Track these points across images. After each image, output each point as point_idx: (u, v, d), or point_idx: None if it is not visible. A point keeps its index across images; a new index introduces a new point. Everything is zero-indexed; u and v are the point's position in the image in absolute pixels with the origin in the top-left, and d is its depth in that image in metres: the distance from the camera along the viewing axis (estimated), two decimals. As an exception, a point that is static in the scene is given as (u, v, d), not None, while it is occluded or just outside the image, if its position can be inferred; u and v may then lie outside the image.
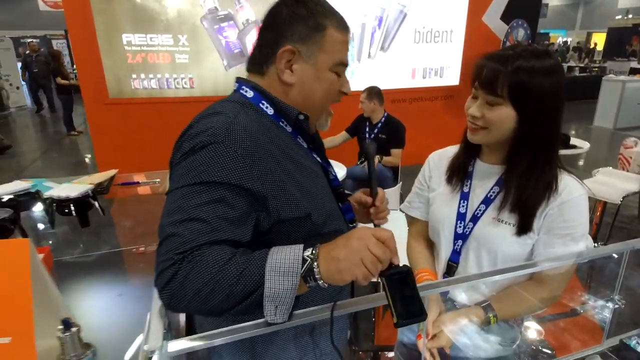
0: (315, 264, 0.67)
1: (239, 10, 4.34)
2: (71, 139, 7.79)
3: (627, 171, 3.63)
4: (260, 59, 0.87)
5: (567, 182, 0.98)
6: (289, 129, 0.88)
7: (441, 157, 1.21)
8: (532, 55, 0.91)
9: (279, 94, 0.86)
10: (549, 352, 1.20)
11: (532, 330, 1.03)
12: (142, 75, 4.21)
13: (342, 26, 0.87)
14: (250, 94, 0.87)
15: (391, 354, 1.96)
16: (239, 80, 0.90)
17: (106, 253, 1.36)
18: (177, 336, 0.68)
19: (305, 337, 0.91)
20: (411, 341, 1.28)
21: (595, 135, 7.98)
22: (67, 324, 0.57)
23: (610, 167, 3.68)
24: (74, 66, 13.33)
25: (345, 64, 0.88)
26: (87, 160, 6.39)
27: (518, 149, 0.97)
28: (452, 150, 1.18)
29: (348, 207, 1.00)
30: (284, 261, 0.67)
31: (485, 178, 1.07)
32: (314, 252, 0.69)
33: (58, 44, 16.79)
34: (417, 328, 1.19)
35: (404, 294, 0.67)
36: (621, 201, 3.19)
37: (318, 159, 0.95)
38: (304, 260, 0.68)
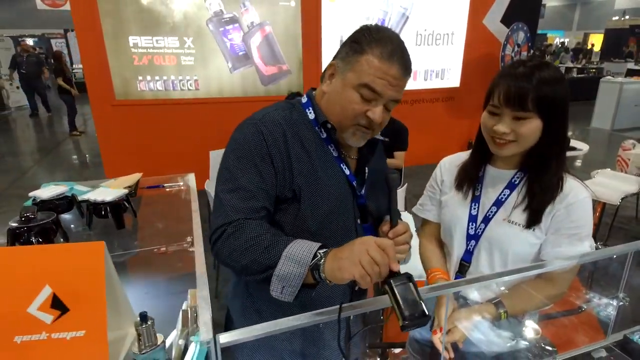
0: (322, 260, 0.78)
1: (244, 13, 4.39)
2: (73, 139, 7.82)
3: (626, 173, 3.72)
4: (323, 73, 1.00)
5: (572, 185, 1.05)
6: (323, 134, 0.98)
7: (452, 163, 1.27)
8: (544, 68, 0.98)
9: (320, 102, 1.00)
10: (550, 348, 1.27)
11: (530, 329, 1.09)
12: (148, 77, 4.26)
13: (386, 56, 0.88)
14: (304, 99, 1.03)
15: (397, 351, 2.02)
16: (312, 88, 1.06)
17: (132, 252, 1.42)
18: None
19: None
20: (423, 337, 1.34)
21: (593, 137, 8.06)
22: (144, 317, 0.63)
23: (609, 169, 3.76)
24: (73, 65, 13.41)
25: (371, 89, 0.89)
26: (90, 160, 6.42)
27: (541, 155, 1.04)
28: (463, 156, 1.25)
29: (367, 228, 1.05)
30: (299, 251, 0.80)
31: (496, 182, 1.14)
32: (326, 250, 0.80)
33: (57, 44, 16.75)
34: (432, 324, 1.25)
35: (407, 298, 0.73)
36: (620, 202, 3.27)
37: (346, 170, 1.00)
38: (315, 256, 0.79)
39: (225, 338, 0.68)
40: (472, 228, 1.16)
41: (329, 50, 4.87)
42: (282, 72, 4.71)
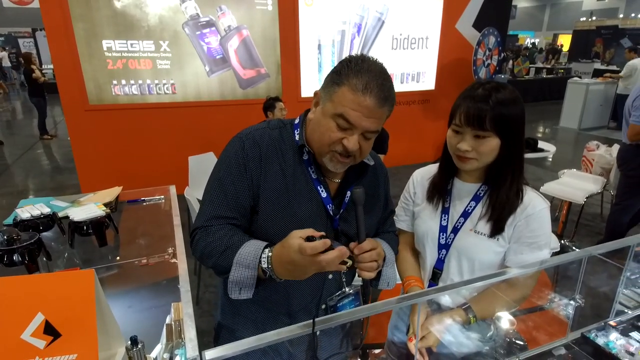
0: (270, 266, 0.86)
1: (221, 17, 4.39)
2: (45, 142, 7.61)
3: (590, 173, 3.90)
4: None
5: (531, 197, 1.13)
6: (305, 157, 1.03)
7: (424, 175, 1.34)
8: (501, 90, 1.06)
9: (307, 127, 1.04)
10: (521, 343, 1.35)
11: (505, 320, 1.17)
12: (123, 81, 4.20)
13: (361, 88, 0.89)
14: (297, 120, 1.09)
15: (377, 351, 2.09)
16: (307, 110, 1.10)
17: (114, 266, 1.42)
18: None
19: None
20: (401, 340, 1.41)
21: (561, 136, 8.38)
22: (135, 341, 0.66)
23: (575, 169, 3.94)
24: (43, 65, 12.97)
25: (345, 119, 0.91)
26: (63, 165, 6.26)
27: (500, 170, 1.12)
28: (433, 169, 1.32)
29: None
30: (247, 256, 0.89)
31: (463, 194, 1.21)
32: (269, 254, 0.87)
33: (25, 43, 16.21)
34: (407, 330, 1.32)
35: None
36: (585, 201, 3.44)
37: (322, 193, 1.04)
38: (261, 260, 0.87)
39: (211, 355, 0.72)
40: (442, 238, 1.23)
41: (306, 54, 4.91)
42: (261, 75, 4.72)
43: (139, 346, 0.67)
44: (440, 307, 1.26)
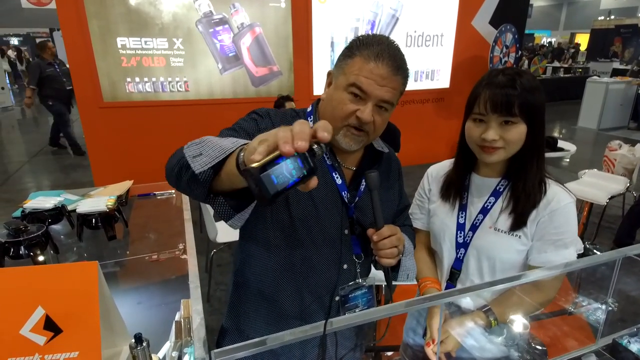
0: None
1: (234, 15, 4.37)
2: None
3: (612, 173, 3.78)
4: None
5: (555, 191, 1.07)
6: None
7: (439, 171, 1.28)
8: (524, 75, 1.02)
9: (320, 109, 1.02)
10: (541, 347, 1.28)
11: (519, 323, 1.11)
12: (137, 79, 4.21)
13: (373, 57, 0.90)
14: (310, 108, 1.06)
15: (389, 353, 2.03)
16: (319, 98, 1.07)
17: (123, 261, 1.40)
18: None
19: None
20: (417, 343, 1.35)
21: (580, 136, 8.18)
22: (139, 338, 0.62)
23: (596, 169, 3.82)
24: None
25: (358, 87, 0.90)
26: (78, 162, 6.32)
27: (523, 159, 1.06)
28: (449, 164, 1.26)
29: (353, 239, 1.04)
30: (223, 140, 0.70)
31: (482, 190, 1.16)
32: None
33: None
34: (424, 333, 1.26)
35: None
36: (607, 202, 3.32)
37: (338, 179, 1.01)
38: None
39: (220, 355, 0.68)
40: (460, 236, 1.18)
41: (319, 52, 4.86)
42: (273, 73, 4.69)
43: (144, 344, 0.62)
44: (459, 310, 1.20)
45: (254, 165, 0.52)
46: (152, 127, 4.38)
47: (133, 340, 0.61)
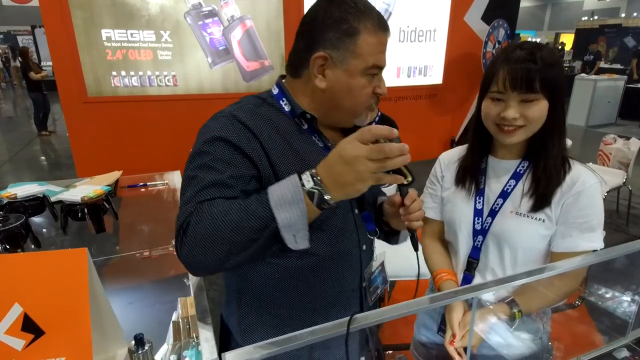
0: (316, 184, 0.70)
1: (224, 7, 4.25)
2: (43, 139, 7.47)
3: (607, 167, 3.77)
4: (296, 63, 0.91)
5: (579, 171, 1.02)
6: (304, 126, 0.92)
7: (452, 158, 1.22)
8: (543, 49, 0.97)
9: (307, 96, 0.90)
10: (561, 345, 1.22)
11: (542, 316, 1.04)
12: (123, 73, 4.06)
13: (378, 27, 0.84)
14: (275, 90, 0.94)
15: (389, 352, 1.96)
16: (281, 76, 0.97)
17: (113, 258, 1.30)
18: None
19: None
20: (430, 340, 1.28)
21: (569, 133, 8.12)
22: (141, 341, 0.52)
23: (591, 163, 3.81)
24: (42, 63, 12.88)
25: (379, 67, 0.86)
26: (62, 162, 6.13)
27: (544, 138, 1.01)
28: (462, 149, 1.21)
29: (367, 216, 0.99)
30: (284, 191, 0.70)
31: (500, 173, 1.10)
32: (312, 171, 0.71)
33: (24, 40, 16.11)
34: (438, 330, 1.19)
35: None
36: (605, 196, 3.31)
37: None
38: (303, 182, 0.70)
39: (232, 358, 0.58)
40: (478, 223, 1.12)
41: (311, 46, 4.78)
42: (264, 67, 4.58)
43: (146, 348, 0.53)
44: (480, 304, 1.13)
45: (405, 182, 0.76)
46: (139, 123, 4.23)
47: (133, 343, 0.51)
